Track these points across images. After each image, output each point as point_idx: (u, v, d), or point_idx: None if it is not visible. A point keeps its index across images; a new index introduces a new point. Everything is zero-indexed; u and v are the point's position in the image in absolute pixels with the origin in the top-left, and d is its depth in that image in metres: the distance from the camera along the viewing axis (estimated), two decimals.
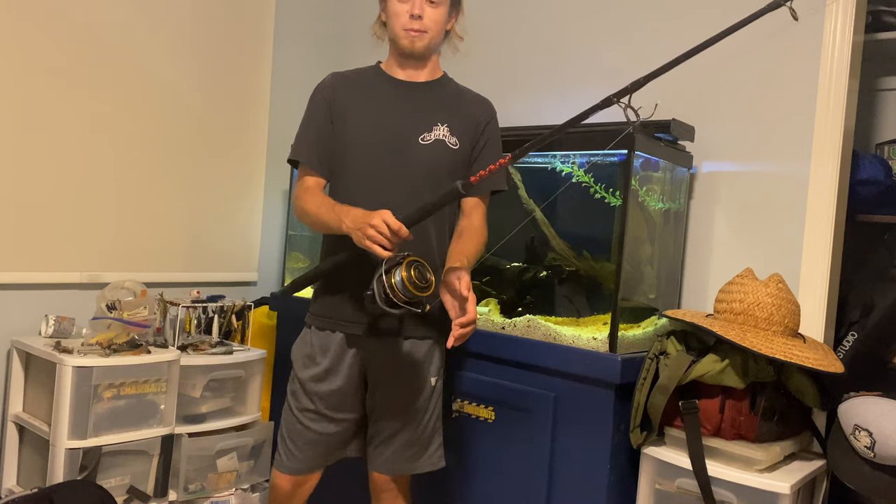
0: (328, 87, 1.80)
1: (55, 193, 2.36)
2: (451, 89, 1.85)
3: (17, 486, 2.24)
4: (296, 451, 1.78)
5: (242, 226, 2.90)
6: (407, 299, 1.50)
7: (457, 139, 1.76)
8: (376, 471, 1.81)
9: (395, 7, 1.72)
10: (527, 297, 2.17)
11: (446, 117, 1.77)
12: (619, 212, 1.88)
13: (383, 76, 1.81)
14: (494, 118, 1.85)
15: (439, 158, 1.74)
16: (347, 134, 1.75)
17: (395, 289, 1.49)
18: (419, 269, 1.51)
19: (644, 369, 1.79)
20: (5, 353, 2.27)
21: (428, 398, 1.79)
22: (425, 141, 1.74)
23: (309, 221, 1.75)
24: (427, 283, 1.52)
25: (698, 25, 2.11)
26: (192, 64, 2.68)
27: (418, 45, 1.73)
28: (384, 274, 1.49)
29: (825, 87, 1.92)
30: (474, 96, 1.86)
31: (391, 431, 1.78)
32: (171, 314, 2.39)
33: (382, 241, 1.49)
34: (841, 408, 1.71)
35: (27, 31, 2.27)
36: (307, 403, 1.77)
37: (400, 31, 1.73)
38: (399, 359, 1.76)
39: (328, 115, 1.77)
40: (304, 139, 1.79)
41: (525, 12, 2.53)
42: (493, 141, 1.83)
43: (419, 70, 1.80)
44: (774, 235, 2.01)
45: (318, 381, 1.76)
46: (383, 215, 1.50)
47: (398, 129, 1.74)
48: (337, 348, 1.76)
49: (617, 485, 1.81)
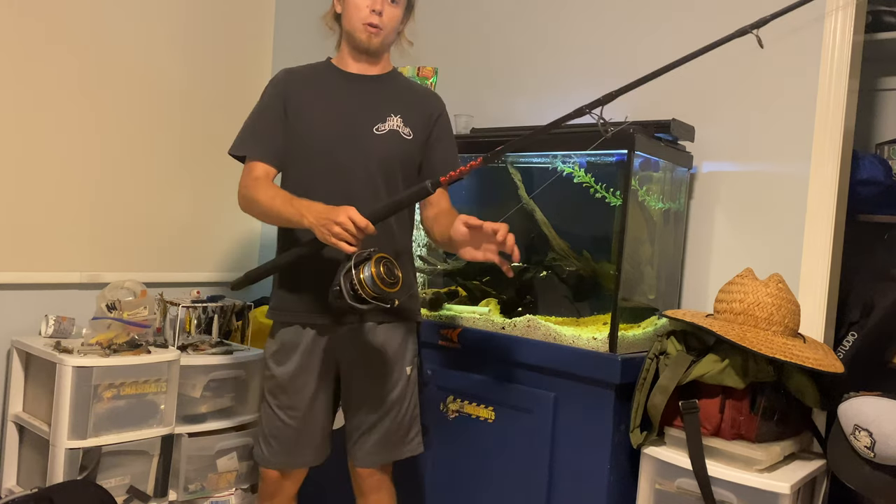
0: (281, 82, 1.81)
1: (55, 193, 2.36)
2: (401, 82, 1.88)
3: (17, 486, 2.24)
4: (277, 447, 1.80)
5: (242, 226, 2.90)
6: (376, 295, 1.50)
7: (410, 130, 1.79)
8: (359, 465, 1.82)
9: (356, 0, 1.73)
10: (527, 297, 2.17)
11: (399, 108, 1.79)
12: (619, 212, 1.88)
13: (335, 70, 1.82)
14: (445, 111, 1.88)
15: (393, 148, 1.76)
16: (302, 127, 1.76)
17: (364, 285, 1.49)
18: (387, 265, 1.52)
19: (644, 369, 1.79)
20: (5, 353, 2.27)
21: (405, 387, 1.80)
22: (380, 131, 1.76)
23: (258, 212, 1.72)
24: (395, 279, 1.53)
25: (700, 24, 2.11)
26: (192, 63, 2.68)
27: (375, 41, 1.75)
28: (353, 269, 1.49)
29: (825, 87, 1.92)
30: (424, 89, 1.92)
31: (370, 423, 1.79)
32: (171, 314, 2.39)
33: (348, 238, 1.50)
34: (841, 408, 1.71)
35: (27, 31, 2.27)
36: (284, 399, 1.78)
37: (358, 25, 1.74)
38: (373, 349, 1.76)
39: (282, 109, 1.77)
40: (252, 131, 1.79)
41: (523, 12, 2.53)
42: (446, 133, 1.86)
43: (372, 65, 1.81)
44: (774, 235, 2.01)
45: (293, 376, 1.77)
46: (348, 212, 1.50)
47: (352, 119, 1.76)
48: (306, 342, 1.76)
49: (617, 485, 1.81)
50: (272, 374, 1.79)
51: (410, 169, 1.80)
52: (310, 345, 1.76)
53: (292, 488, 1.87)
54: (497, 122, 2.41)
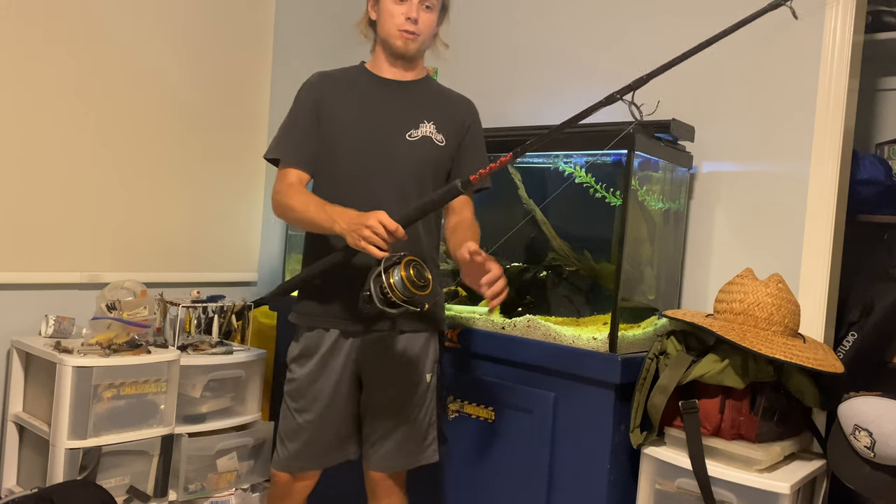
0: (315, 86, 1.81)
1: (55, 193, 2.36)
2: (434, 88, 1.87)
3: (17, 486, 2.24)
4: (293, 451, 1.79)
5: (242, 226, 2.90)
6: (406, 298, 1.49)
7: (443, 136, 1.78)
8: (373, 469, 1.81)
9: (391, 7, 1.73)
10: (527, 297, 2.17)
11: (433, 115, 1.78)
12: (619, 212, 1.88)
13: (369, 75, 1.82)
14: (478, 118, 1.88)
15: (425, 155, 1.75)
16: (334, 132, 1.76)
17: (395, 288, 1.48)
18: (417, 268, 1.51)
19: (644, 369, 1.79)
20: (5, 353, 2.27)
21: (423, 394, 1.79)
22: (412, 137, 1.75)
23: (291, 218, 1.73)
24: (426, 282, 1.52)
25: (699, 24, 2.11)
26: (192, 63, 2.68)
27: (411, 46, 1.75)
28: (383, 273, 1.49)
29: (825, 87, 1.93)
30: (458, 96, 1.89)
31: (387, 429, 1.78)
32: (171, 314, 2.39)
33: (378, 242, 1.49)
34: (841, 408, 1.71)
35: (27, 30, 2.27)
36: (303, 403, 1.77)
37: (394, 32, 1.74)
38: (395, 355, 1.76)
39: (315, 113, 1.77)
40: (287, 136, 1.79)
41: (522, 12, 2.53)
42: (477, 140, 1.85)
43: (407, 70, 1.81)
44: (774, 235, 2.01)
45: (313, 380, 1.76)
46: (379, 216, 1.49)
47: (385, 125, 1.75)
48: (330, 346, 1.76)
49: (617, 485, 1.81)
50: (293, 378, 1.79)
51: (443, 176, 1.80)
52: (333, 349, 1.75)
53: (302, 493, 1.85)
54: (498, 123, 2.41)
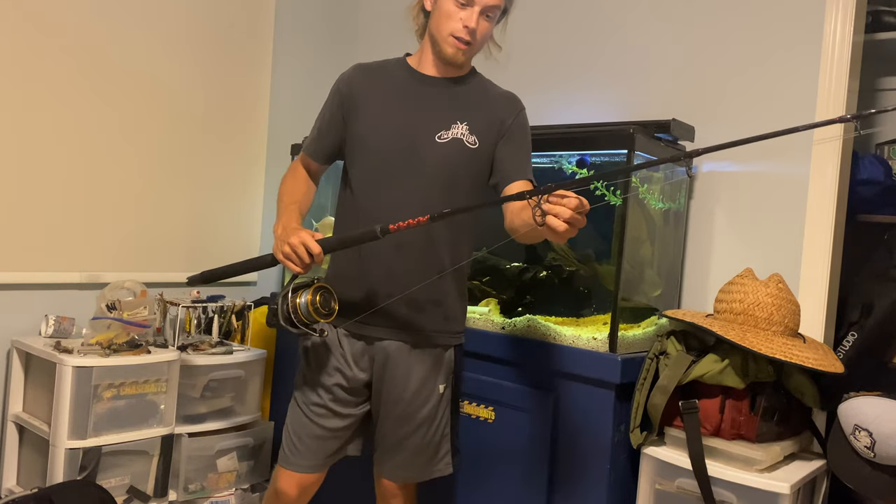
0: (345, 80, 1.77)
1: (55, 193, 2.36)
2: (476, 85, 1.76)
3: (17, 486, 2.24)
4: (301, 447, 1.76)
5: (242, 225, 2.90)
6: (307, 322, 1.56)
7: (476, 138, 1.69)
8: (385, 477, 1.79)
9: (450, 9, 1.61)
10: (527, 297, 2.17)
11: (467, 115, 1.69)
12: (619, 212, 1.88)
13: (408, 70, 1.74)
14: (522, 115, 1.74)
15: (454, 157, 1.68)
16: (359, 128, 1.72)
17: (298, 310, 1.55)
18: (325, 295, 1.58)
19: (644, 369, 1.79)
20: (5, 353, 2.27)
21: (436, 406, 1.75)
22: (442, 140, 1.68)
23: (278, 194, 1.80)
24: (329, 311, 1.59)
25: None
26: (192, 63, 2.68)
27: (461, 57, 1.67)
28: (290, 293, 1.55)
29: (825, 87, 1.93)
30: (500, 92, 1.77)
31: (398, 438, 1.75)
32: (171, 314, 2.39)
33: (295, 260, 1.54)
34: (841, 408, 1.71)
35: (28, 31, 2.27)
36: (314, 397, 1.75)
37: (447, 37, 1.63)
38: (409, 365, 1.72)
39: (340, 108, 1.75)
40: (313, 126, 1.83)
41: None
42: (517, 139, 1.73)
43: (451, 72, 1.73)
44: (774, 235, 2.01)
45: (327, 375, 1.75)
46: (303, 237, 1.53)
47: (414, 125, 1.69)
48: (346, 344, 1.74)
49: (617, 485, 1.81)
50: (302, 372, 1.79)
51: (479, 178, 1.71)
52: (348, 347, 1.74)
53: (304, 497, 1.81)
54: None
